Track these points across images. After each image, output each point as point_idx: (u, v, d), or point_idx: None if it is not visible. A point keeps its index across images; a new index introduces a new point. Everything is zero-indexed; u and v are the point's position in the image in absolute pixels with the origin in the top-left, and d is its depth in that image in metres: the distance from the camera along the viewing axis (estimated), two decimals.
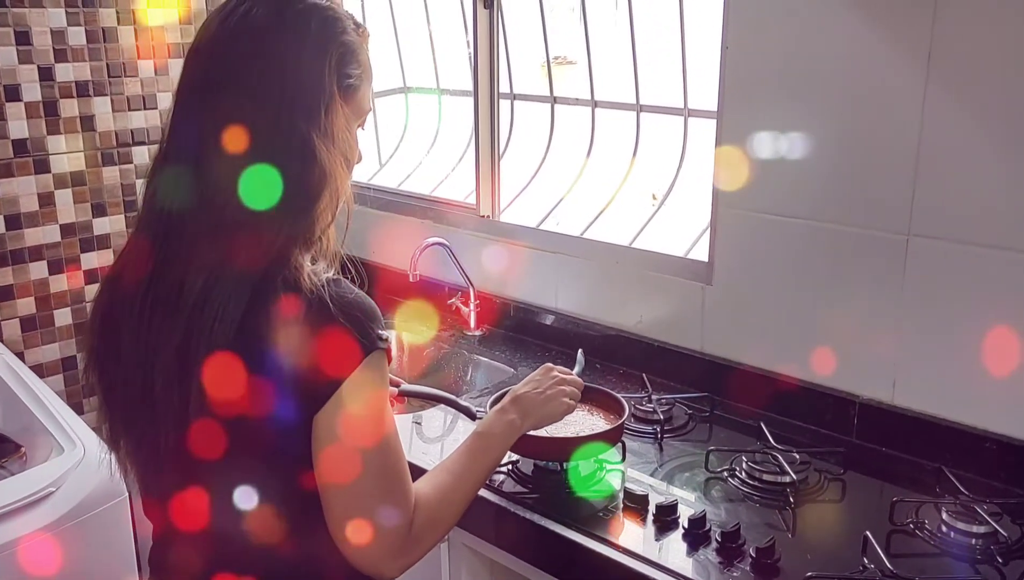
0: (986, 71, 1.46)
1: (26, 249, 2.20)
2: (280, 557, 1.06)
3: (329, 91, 1.03)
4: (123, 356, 1.04)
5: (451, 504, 1.18)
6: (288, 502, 1.05)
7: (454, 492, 1.19)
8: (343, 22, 1.06)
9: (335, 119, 1.03)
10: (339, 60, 1.04)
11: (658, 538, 1.40)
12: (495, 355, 2.20)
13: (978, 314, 1.53)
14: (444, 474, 1.21)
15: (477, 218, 2.37)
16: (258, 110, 0.98)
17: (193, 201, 0.99)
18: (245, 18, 1.01)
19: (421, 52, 2.69)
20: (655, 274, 2.00)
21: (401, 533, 1.07)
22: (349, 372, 0.99)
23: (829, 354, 1.73)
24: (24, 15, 2.11)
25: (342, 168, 1.05)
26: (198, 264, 0.98)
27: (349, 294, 1.02)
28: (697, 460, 1.63)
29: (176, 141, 1.03)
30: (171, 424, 1.00)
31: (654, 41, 2.22)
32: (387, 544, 1.06)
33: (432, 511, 1.13)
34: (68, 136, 2.22)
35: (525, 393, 1.38)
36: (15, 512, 1.57)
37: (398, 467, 1.06)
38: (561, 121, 2.38)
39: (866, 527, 1.36)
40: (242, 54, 1.00)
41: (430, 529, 1.12)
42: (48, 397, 1.86)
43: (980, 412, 1.56)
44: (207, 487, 1.03)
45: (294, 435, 1.01)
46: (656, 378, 1.96)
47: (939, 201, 1.54)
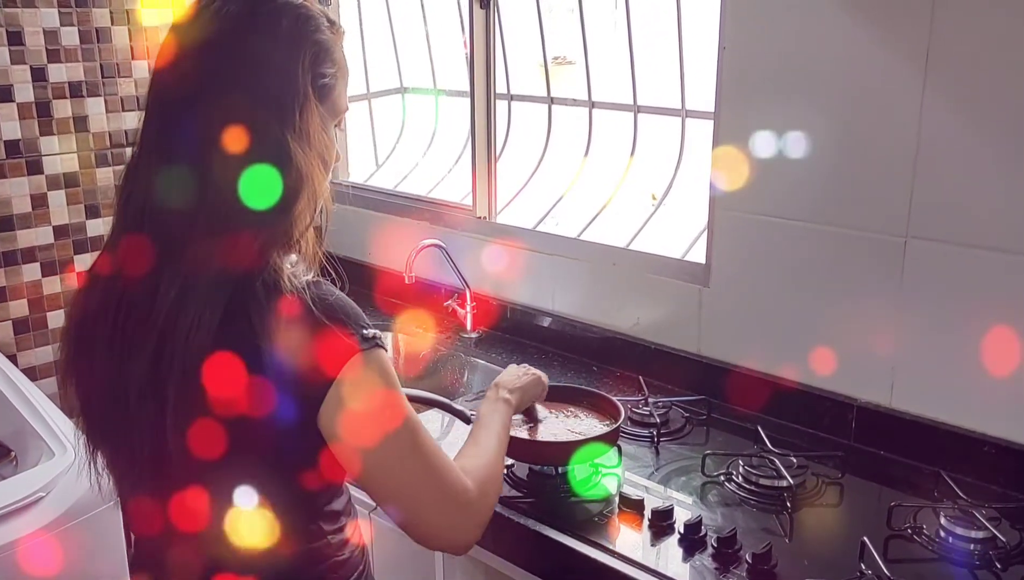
0: (984, 72, 1.44)
1: (19, 251, 2.18)
2: (280, 557, 1.05)
3: (303, 91, 1.00)
4: (97, 368, 1.03)
5: (490, 463, 1.20)
6: (288, 502, 1.04)
7: (487, 453, 1.22)
8: (316, 20, 1.04)
9: (310, 119, 1.01)
10: (313, 59, 1.02)
11: (654, 543, 1.38)
12: (492, 357, 2.18)
13: (977, 316, 1.52)
14: (468, 448, 1.24)
15: (474, 219, 2.36)
16: (231, 113, 0.96)
17: (166, 206, 0.97)
18: (215, 18, 0.99)
19: (418, 52, 2.67)
20: (652, 276, 1.98)
21: (461, 502, 1.08)
22: (340, 372, 0.98)
23: (827, 357, 1.72)
24: (16, 15, 2.10)
25: (319, 169, 1.03)
26: (172, 271, 0.96)
27: (330, 296, 1.00)
28: (694, 464, 1.62)
29: (148, 145, 1.01)
30: (147, 436, 0.98)
31: (652, 42, 2.21)
32: (453, 520, 1.08)
33: (477, 469, 1.15)
34: (61, 137, 2.21)
35: (502, 379, 1.47)
36: (5, 516, 1.55)
37: (429, 446, 1.06)
38: (559, 122, 2.37)
39: (864, 532, 1.35)
40: (213, 56, 0.98)
41: (484, 485, 1.14)
42: (39, 400, 1.85)
43: (979, 415, 1.55)
44: (205, 488, 1.02)
45: (291, 435, 0.99)
46: (653, 381, 1.95)
47: (937, 203, 1.53)
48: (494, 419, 1.33)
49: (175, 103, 0.99)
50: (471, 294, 2.32)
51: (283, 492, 1.03)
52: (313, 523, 1.08)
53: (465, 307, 2.33)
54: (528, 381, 1.50)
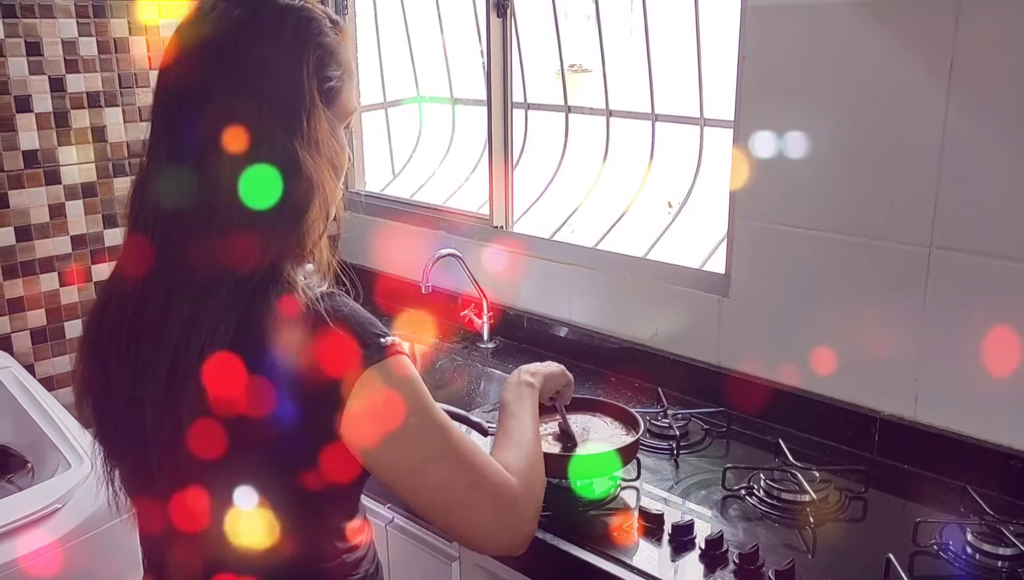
0: (1008, 81, 1.42)
1: (36, 260, 2.19)
2: (280, 557, 1.04)
3: (309, 97, 0.98)
4: (112, 388, 1.02)
5: (530, 454, 1.19)
6: (288, 502, 1.02)
7: (522, 443, 1.21)
8: (319, 22, 1.01)
9: (318, 125, 0.99)
10: (318, 63, 0.99)
11: (674, 559, 1.36)
12: (508, 368, 2.17)
13: (1002, 328, 1.49)
14: (501, 441, 1.22)
15: (490, 229, 2.34)
16: (236, 123, 0.94)
17: (176, 221, 0.96)
18: (217, 25, 0.97)
19: (435, 61, 2.67)
20: (671, 286, 1.97)
21: (508, 501, 1.07)
22: (358, 382, 0.95)
23: (850, 369, 1.69)
24: (35, 26, 2.10)
25: (330, 176, 1.01)
26: (183, 287, 0.95)
27: (344, 308, 0.98)
28: (714, 477, 1.60)
29: (155, 157, 0.99)
30: (164, 457, 0.97)
31: (670, 49, 2.20)
32: (503, 520, 1.07)
33: (517, 461, 1.14)
34: (79, 147, 2.21)
35: (520, 367, 1.44)
36: (22, 528, 1.55)
37: (464, 447, 1.05)
38: (576, 130, 2.36)
39: (888, 548, 1.33)
40: (215, 65, 0.96)
41: (528, 477, 1.13)
42: (56, 411, 1.85)
43: (1006, 428, 1.52)
44: (207, 488, 1.00)
45: (295, 437, 0.97)
46: (672, 392, 1.93)
47: (962, 213, 1.51)
48: (522, 407, 1.31)
49: (179, 112, 0.97)
50: (488, 304, 2.31)
51: (284, 493, 1.01)
52: (317, 524, 1.07)
53: (482, 317, 2.32)
54: (551, 369, 1.47)
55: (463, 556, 1.57)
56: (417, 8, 2.65)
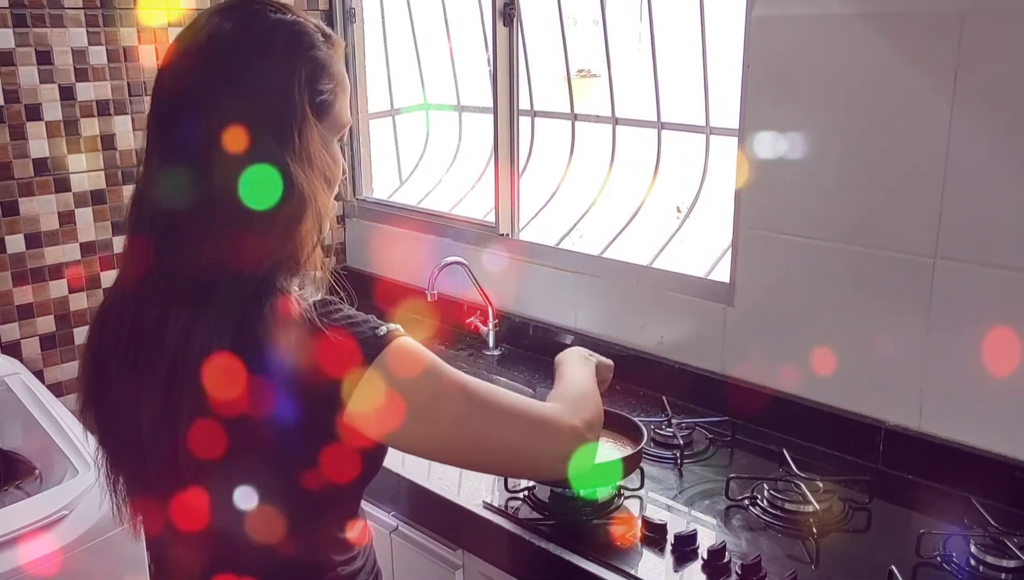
0: (1012, 92, 1.42)
1: (46, 267, 2.20)
2: (280, 557, 1.04)
3: (301, 111, 0.98)
4: (113, 401, 1.03)
5: (583, 390, 1.26)
6: (289, 502, 1.02)
7: (575, 383, 1.28)
8: (310, 36, 1.01)
9: (310, 139, 0.99)
10: (309, 76, 0.99)
11: (676, 569, 1.37)
12: (514, 375, 2.17)
13: (1007, 339, 1.49)
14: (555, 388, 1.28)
15: (496, 236, 2.35)
16: (229, 138, 0.94)
17: (170, 234, 0.97)
18: (209, 42, 0.98)
19: (442, 69, 2.68)
20: (676, 295, 1.97)
21: (551, 424, 1.12)
22: (363, 376, 0.97)
23: (854, 379, 1.69)
24: (45, 35, 2.12)
25: (322, 190, 1.01)
26: (179, 300, 0.96)
27: (337, 312, 0.99)
28: (717, 487, 1.60)
29: (150, 172, 1.00)
30: (163, 472, 0.99)
31: (676, 58, 2.20)
32: (553, 442, 1.12)
33: (564, 393, 1.21)
34: (88, 155, 2.23)
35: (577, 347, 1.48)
36: (29, 534, 1.56)
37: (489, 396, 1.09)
38: (582, 137, 2.36)
39: (892, 560, 1.32)
40: (207, 82, 0.97)
41: (574, 402, 1.19)
42: (64, 417, 1.86)
43: (1010, 440, 1.52)
44: (207, 487, 1.01)
45: (295, 436, 0.97)
46: (676, 401, 1.93)
47: (966, 223, 1.51)
48: (579, 367, 1.35)
49: (173, 120, 0.98)
50: (493, 311, 2.31)
51: (285, 492, 1.02)
52: (317, 524, 1.07)
53: (487, 324, 2.32)
54: (604, 359, 1.47)
55: (466, 564, 1.58)
56: (424, 16, 2.66)
